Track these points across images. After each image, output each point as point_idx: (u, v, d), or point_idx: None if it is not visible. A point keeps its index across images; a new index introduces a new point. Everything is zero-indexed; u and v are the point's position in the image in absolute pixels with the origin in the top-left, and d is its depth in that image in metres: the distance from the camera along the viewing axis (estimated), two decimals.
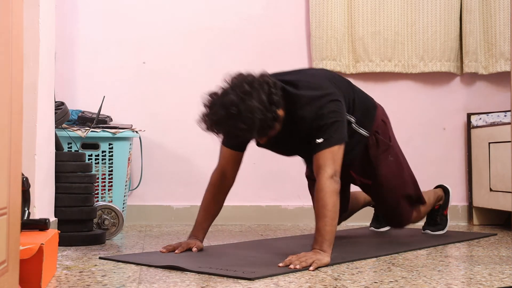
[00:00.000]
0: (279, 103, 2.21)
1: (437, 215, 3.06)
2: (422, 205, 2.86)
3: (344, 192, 2.60)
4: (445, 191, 3.11)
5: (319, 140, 2.23)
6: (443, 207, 3.08)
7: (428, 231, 3.05)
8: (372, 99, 2.72)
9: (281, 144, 2.44)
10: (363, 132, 2.57)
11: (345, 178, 2.56)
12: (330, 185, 2.17)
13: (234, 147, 2.46)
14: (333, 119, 2.26)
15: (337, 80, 2.50)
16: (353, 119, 2.51)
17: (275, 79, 2.26)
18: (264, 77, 2.22)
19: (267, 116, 2.14)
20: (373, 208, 3.22)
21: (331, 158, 2.21)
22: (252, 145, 2.79)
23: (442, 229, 3.06)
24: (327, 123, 2.25)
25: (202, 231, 2.46)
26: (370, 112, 2.63)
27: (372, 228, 3.22)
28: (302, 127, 2.30)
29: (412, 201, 2.78)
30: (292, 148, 2.52)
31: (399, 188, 2.71)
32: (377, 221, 3.22)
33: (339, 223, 2.77)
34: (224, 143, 2.47)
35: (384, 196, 2.73)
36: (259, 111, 2.11)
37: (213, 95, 2.18)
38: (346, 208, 2.86)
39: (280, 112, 2.23)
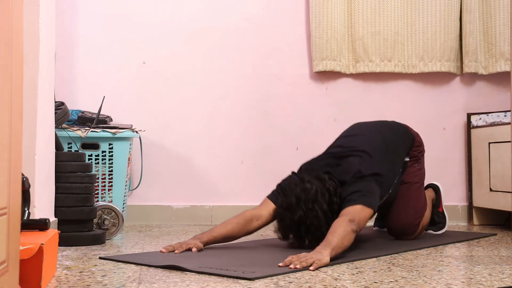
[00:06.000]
0: (338, 210, 2.41)
1: (433, 214, 3.07)
2: (426, 212, 2.92)
3: None
4: (435, 189, 3.13)
5: (354, 197, 2.42)
6: (436, 206, 3.10)
7: (431, 231, 3.06)
8: (410, 132, 2.93)
9: None
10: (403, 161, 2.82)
11: None
12: (348, 225, 2.26)
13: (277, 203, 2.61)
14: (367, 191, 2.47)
15: (396, 150, 2.77)
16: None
17: (334, 183, 2.50)
18: (325, 182, 2.48)
19: (329, 224, 2.34)
20: None
21: (362, 213, 2.36)
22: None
23: (443, 227, 3.08)
24: (361, 190, 2.45)
25: (209, 236, 2.46)
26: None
27: (377, 227, 3.21)
28: None
29: (422, 213, 2.87)
30: None
31: (414, 205, 2.84)
32: (381, 220, 3.21)
33: None
34: (271, 198, 2.62)
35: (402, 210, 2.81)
36: (324, 223, 2.39)
37: (282, 210, 2.48)
38: None
39: None
